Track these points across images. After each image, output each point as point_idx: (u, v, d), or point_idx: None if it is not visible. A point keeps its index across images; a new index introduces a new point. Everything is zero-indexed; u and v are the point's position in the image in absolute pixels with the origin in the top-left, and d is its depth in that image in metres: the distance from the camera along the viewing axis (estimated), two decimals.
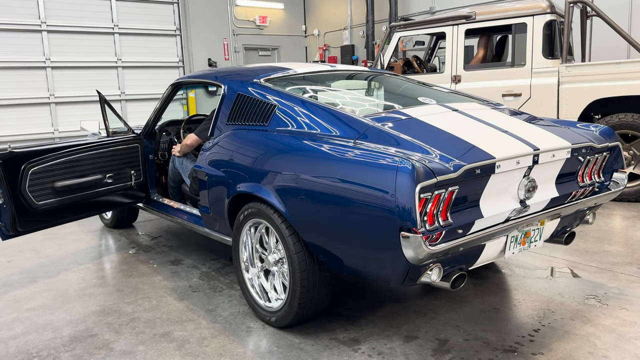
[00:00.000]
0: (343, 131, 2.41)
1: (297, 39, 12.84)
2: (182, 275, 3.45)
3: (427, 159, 2.03)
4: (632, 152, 4.94)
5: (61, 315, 2.91)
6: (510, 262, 3.43)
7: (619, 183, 2.76)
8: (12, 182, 3.10)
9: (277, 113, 2.72)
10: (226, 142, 2.86)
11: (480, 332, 2.50)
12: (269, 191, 2.45)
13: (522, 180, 2.31)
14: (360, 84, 3.54)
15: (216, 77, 3.30)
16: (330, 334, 2.54)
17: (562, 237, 2.71)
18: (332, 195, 2.14)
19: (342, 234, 2.16)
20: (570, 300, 2.81)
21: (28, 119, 9.10)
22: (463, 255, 2.16)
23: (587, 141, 2.59)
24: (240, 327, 2.66)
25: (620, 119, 4.90)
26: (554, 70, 5.16)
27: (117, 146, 3.64)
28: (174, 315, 2.84)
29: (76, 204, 3.44)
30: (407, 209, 1.88)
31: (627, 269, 3.25)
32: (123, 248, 4.13)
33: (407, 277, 2.05)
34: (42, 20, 9.06)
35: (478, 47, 6.06)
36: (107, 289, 3.27)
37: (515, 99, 5.34)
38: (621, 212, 4.62)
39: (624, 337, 2.41)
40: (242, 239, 2.77)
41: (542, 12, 5.21)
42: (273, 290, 2.68)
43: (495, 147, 2.23)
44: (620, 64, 4.81)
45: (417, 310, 2.77)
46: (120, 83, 10.00)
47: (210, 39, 11.25)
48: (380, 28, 10.62)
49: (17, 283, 3.46)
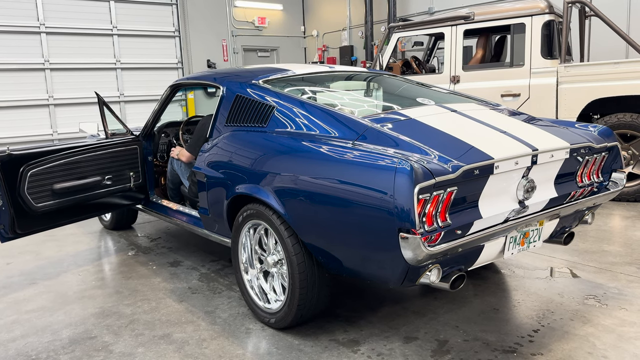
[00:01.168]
0: (342, 132, 2.41)
1: (296, 40, 12.85)
2: (182, 276, 3.45)
3: (425, 159, 2.03)
4: (631, 151, 4.94)
5: (60, 317, 2.91)
6: (510, 263, 3.43)
7: (618, 183, 2.76)
8: (11, 184, 3.10)
9: (276, 114, 2.72)
10: (225, 143, 2.86)
11: (479, 332, 2.50)
12: (268, 192, 2.45)
13: (520, 181, 2.31)
14: (359, 84, 3.54)
15: (215, 79, 3.30)
16: (329, 335, 2.54)
17: (561, 237, 2.71)
18: (331, 196, 2.14)
19: (341, 235, 2.16)
20: (570, 301, 2.81)
21: (27, 120, 9.09)
22: (462, 255, 2.16)
23: (586, 141, 2.59)
24: (239, 328, 2.66)
25: (619, 119, 4.90)
26: (552, 70, 5.16)
27: (116, 148, 3.64)
28: (173, 317, 2.84)
29: (75, 205, 3.44)
30: (405, 210, 1.88)
31: (626, 268, 3.25)
32: (122, 250, 4.13)
33: (406, 278, 2.06)
34: (40, 22, 9.06)
35: (477, 48, 6.06)
36: (107, 291, 3.27)
37: (514, 99, 5.35)
38: (620, 212, 4.62)
39: (624, 337, 2.41)
40: (241, 240, 2.77)
41: (540, 12, 5.21)
42: (272, 291, 2.68)
43: (493, 147, 2.23)
44: (618, 64, 4.81)
45: (417, 311, 2.77)
46: (119, 84, 10.00)
47: (209, 40, 11.25)
48: (379, 29, 10.63)
49: (17, 285, 3.46)
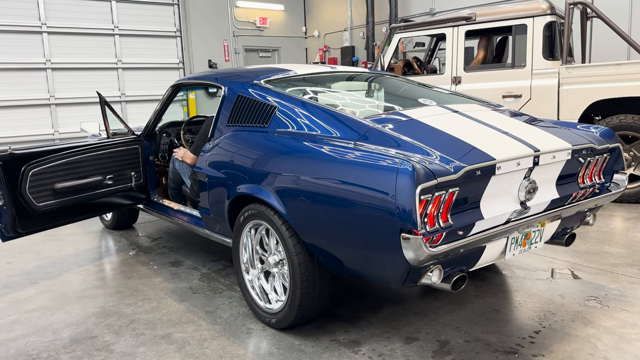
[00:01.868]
0: (343, 132, 2.41)
1: (297, 40, 12.85)
2: (183, 276, 3.45)
3: (427, 160, 2.02)
4: (633, 153, 4.94)
5: (61, 317, 2.91)
6: (511, 264, 3.42)
7: (620, 184, 2.76)
8: (12, 183, 3.10)
9: (278, 114, 2.72)
10: (226, 143, 2.86)
11: (480, 333, 2.50)
12: (269, 193, 2.45)
13: (522, 182, 2.31)
14: (360, 85, 3.54)
15: (216, 79, 3.30)
16: (330, 335, 2.54)
17: (562, 238, 2.70)
18: (333, 196, 2.14)
19: (342, 236, 2.16)
20: (571, 302, 2.81)
21: (28, 120, 9.09)
22: (464, 256, 2.16)
23: (588, 142, 2.58)
24: (240, 328, 2.66)
25: (620, 120, 4.90)
26: (554, 71, 5.16)
27: (117, 147, 3.64)
28: (174, 316, 2.84)
29: (76, 205, 3.44)
30: (407, 211, 1.88)
31: (627, 270, 3.24)
32: (123, 249, 4.13)
33: (407, 279, 2.05)
34: (42, 21, 9.06)
35: (478, 49, 6.06)
36: (108, 291, 3.27)
37: (516, 100, 5.34)
38: (621, 214, 4.62)
39: (625, 338, 2.40)
40: (243, 240, 2.77)
41: (542, 13, 5.21)
42: (273, 291, 2.68)
43: (495, 148, 2.23)
44: (620, 65, 4.81)
45: (418, 311, 2.77)
46: (120, 84, 10.00)
47: (211, 40, 11.25)
48: (380, 29, 10.63)
49: (17, 284, 3.46)
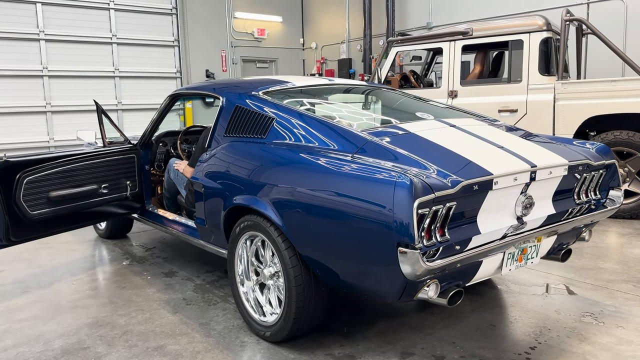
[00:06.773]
0: (341, 145, 2.41)
1: (295, 52, 12.91)
2: (176, 287, 3.42)
3: (425, 174, 2.02)
4: (627, 169, 4.97)
5: (53, 327, 2.87)
6: (507, 278, 3.42)
7: (615, 200, 2.77)
8: (6, 191, 3.07)
9: (275, 126, 2.72)
10: (223, 154, 2.85)
11: (476, 349, 2.49)
12: (265, 204, 2.44)
13: (519, 197, 2.31)
14: (358, 98, 3.55)
15: (214, 89, 3.30)
16: (325, 349, 2.52)
17: (558, 254, 2.70)
18: (330, 209, 2.13)
19: (338, 249, 2.15)
20: (567, 318, 2.80)
21: (24, 127, 9.06)
22: (460, 271, 2.15)
23: (584, 158, 2.60)
24: (234, 341, 2.64)
25: (615, 136, 4.93)
26: (549, 87, 5.20)
27: (113, 156, 3.63)
28: (167, 328, 2.81)
29: (71, 214, 3.42)
30: (404, 225, 1.87)
31: (622, 286, 3.24)
32: (117, 259, 4.10)
33: (404, 293, 2.04)
34: (40, 29, 9.07)
35: (475, 63, 6.10)
36: (100, 301, 3.23)
37: (512, 115, 5.37)
38: (617, 229, 4.63)
39: (620, 355, 2.40)
40: (238, 251, 2.75)
41: (538, 29, 5.26)
42: (268, 304, 2.66)
43: (492, 163, 2.23)
44: (615, 81, 4.86)
45: (413, 326, 2.75)
46: (117, 93, 10.00)
47: (209, 51, 11.29)
48: (377, 42, 10.70)
49: (9, 293, 3.42)
